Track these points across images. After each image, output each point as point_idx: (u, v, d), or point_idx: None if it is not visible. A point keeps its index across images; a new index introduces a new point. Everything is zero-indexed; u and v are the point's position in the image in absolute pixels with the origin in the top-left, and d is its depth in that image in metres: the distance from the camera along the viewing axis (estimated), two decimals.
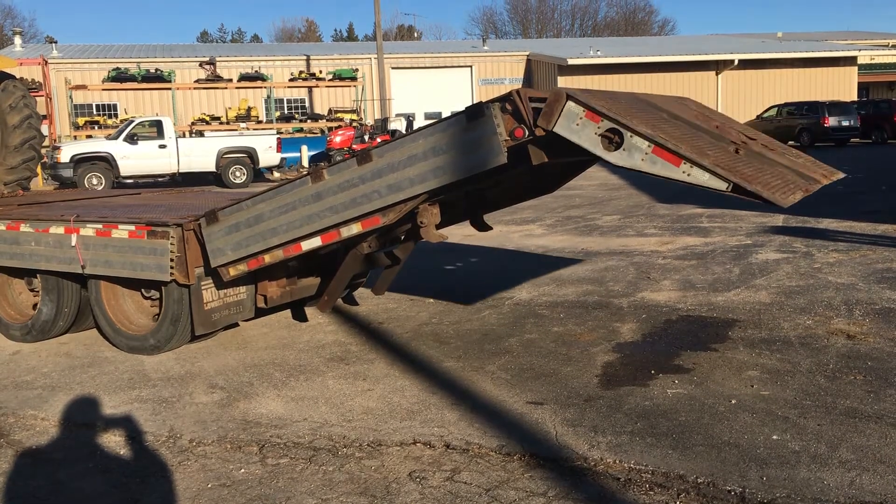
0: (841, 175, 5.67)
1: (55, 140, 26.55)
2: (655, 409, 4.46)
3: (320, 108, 34.60)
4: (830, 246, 9.30)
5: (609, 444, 4.02)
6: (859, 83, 39.77)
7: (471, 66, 39.11)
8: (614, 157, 4.24)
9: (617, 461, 3.81)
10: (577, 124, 4.26)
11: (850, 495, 3.38)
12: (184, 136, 25.65)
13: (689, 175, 4.08)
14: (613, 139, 4.22)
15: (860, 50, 40.34)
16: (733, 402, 4.52)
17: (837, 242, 9.52)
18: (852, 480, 3.51)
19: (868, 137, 31.92)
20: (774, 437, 4.02)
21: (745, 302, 6.83)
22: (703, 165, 4.04)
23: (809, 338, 5.73)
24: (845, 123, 30.25)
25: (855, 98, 37.22)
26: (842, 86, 38.27)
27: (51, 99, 27.48)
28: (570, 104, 4.25)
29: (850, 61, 38.92)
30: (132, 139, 22.31)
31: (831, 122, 30.06)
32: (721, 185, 4.03)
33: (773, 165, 4.84)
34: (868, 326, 5.93)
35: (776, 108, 32.87)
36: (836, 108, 30.75)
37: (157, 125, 22.95)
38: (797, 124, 31.16)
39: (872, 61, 42.08)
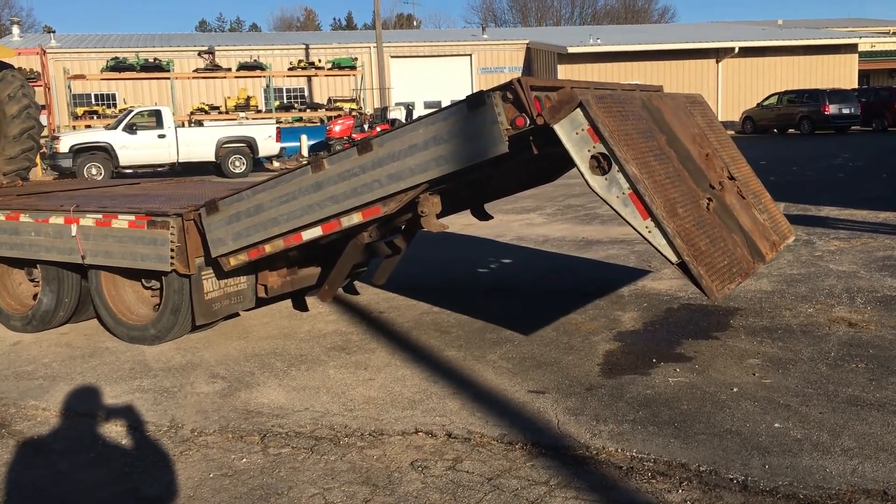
0: (792, 238, 5.86)
1: (54, 130, 26.51)
2: (657, 398, 4.46)
3: (319, 98, 34.51)
4: (831, 234, 9.29)
5: (611, 432, 4.02)
6: (860, 71, 39.67)
7: (470, 55, 38.98)
8: (594, 182, 4.30)
9: (619, 450, 3.81)
10: (577, 134, 4.27)
11: (852, 483, 3.38)
12: (183, 125, 25.60)
13: (649, 232, 4.21)
14: (602, 164, 4.26)
15: (861, 37, 40.22)
16: (735, 390, 4.52)
17: (838, 230, 9.51)
18: (854, 468, 3.51)
19: (869, 125, 31.88)
20: (776, 425, 4.01)
21: (747, 290, 6.82)
22: (665, 232, 4.15)
23: (811, 326, 5.72)
24: (846, 111, 30.20)
25: (855, 85, 37.13)
26: (842, 73, 38.17)
27: (49, 89, 27.43)
28: (578, 112, 4.25)
29: (851, 49, 38.79)
30: (131, 129, 22.26)
31: (832, 109, 30.02)
32: (672, 258, 4.20)
33: (732, 231, 4.92)
34: (870, 314, 5.92)
35: (777, 96, 32.81)
36: (837, 95, 30.69)
37: (157, 115, 22.90)
38: (798, 112, 31.12)
39: (873, 49, 41.97)
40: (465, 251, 9.41)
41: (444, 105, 4.94)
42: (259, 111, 30.17)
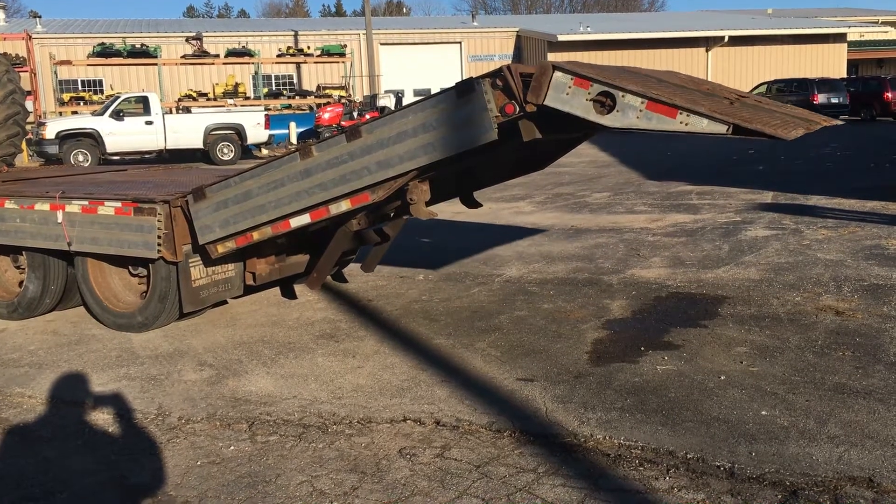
0: (838, 122, 5.68)
1: (40, 116, 26.26)
2: (645, 386, 4.47)
3: (308, 85, 34.32)
4: (819, 223, 9.32)
5: (599, 420, 4.03)
6: (849, 60, 39.75)
7: (460, 43, 38.84)
8: (608, 120, 4.18)
9: (607, 437, 3.82)
10: (567, 94, 4.21)
11: (838, 470, 3.40)
12: (171, 112, 25.40)
13: (686, 124, 4.03)
14: (606, 102, 4.16)
15: (850, 27, 40.29)
16: (722, 378, 4.54)
17: (826, 219, 9.54)
18: (840, 455, 3.53)
19: (857, 115, 31.94)
20: (763, 412, 4.03)
21: (735, 279, 6.84)
22: (700, 112, 4.01)
23: (798, 314, 5.74)
24: (834, 101, 30.22)
25: (844, 75, 37.20)
26: (831, 63, 38.25)
27: (35, 74, 27.15)
28: (558, 74, 4.21)
29: (840, 38, 38.86)
30: (118, 115, 22.08)
31: (821, 99, 30.02)
32: (720, 128, 3.98)
33: (770, 113, 4.85)
34: (856, 303, 5.95)
35: (766, 86, 32.80)
36: (826, 85, 30.71)
37: (144, 101, 22.72)
38: (786, 101, 31.05)
39: (862, 38, 42.05)
40: (455, 239, 9.39)
41: (433, 93, 4.89)
42: (247, 98, 29.97)
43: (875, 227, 8.88)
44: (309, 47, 33.66)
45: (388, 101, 27.79)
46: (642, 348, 5.14)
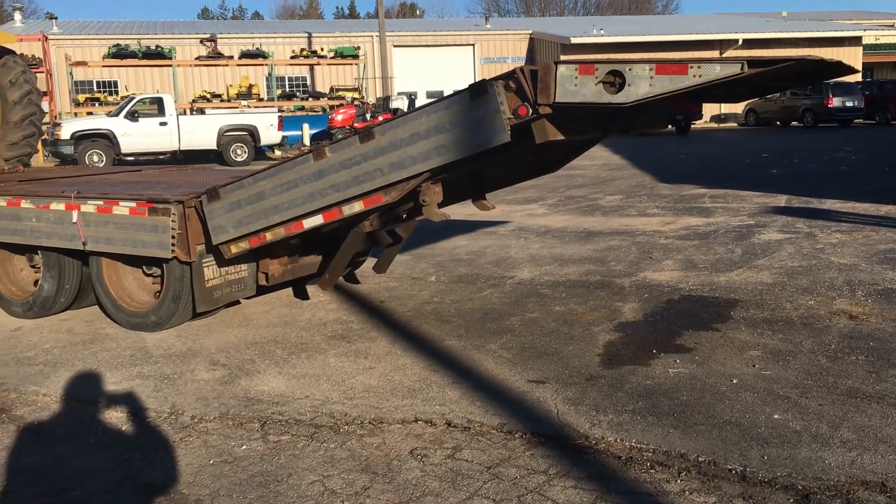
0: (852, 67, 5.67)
1: (56, 117, 26.47)
2: (657, 389, 4.46)
3: (322, 86, 34.44)
4: (833, 226, 9.27)
5: (610, 422, 4.02)
6: (864, 63, 39.53)
7: (473, 45, 38.88)
8: (622, 97, 4.14)
9: (618, 440, 3.82)
10: (575, 84, 4.20)
11: (851, 475, 3.38)
12: (185, 113, 25.55)
13: (700, 76, 3.99)
14: (615, 81, 4.13)
15: (865, 30, 40.09)
16: (735, 381, 4.52)
17: (840, 223, 9.49)
18: (853, 460, 3.51)
19: (872, 118, 31.78)
20: (776, 416, 4.02)
21: (748, 282, 6.81)
22: (711, 60, 3.99)
23: (811, 318, 5.72)
24: (849, 104, 30.10)
25: (859, 78, 36.99)
26: None
27: (51, 75, 27.36)
28: (561, 69, 4.22)
29: (856, 41, 38.67)
30: (133, 116, 22.24)
31: (835, 102, 29.92)
32: (734, 68, 3.94)
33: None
34: (870, 307, 5.92)
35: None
36: (841, 88, 30.57)
37: (158, 102, 22.88)
38: (801, 105, 31.03)
39: (877, 41, 41.82)
40: (467, 241, 9.40)
41: (446, 94, 4.90)
42: (261, 99, 30.12)
43: (890, 231, 8.82)
44: (322, 49, 33.80)
45: (400, 103, 27.86)
46: (654, 351, 5.13)
